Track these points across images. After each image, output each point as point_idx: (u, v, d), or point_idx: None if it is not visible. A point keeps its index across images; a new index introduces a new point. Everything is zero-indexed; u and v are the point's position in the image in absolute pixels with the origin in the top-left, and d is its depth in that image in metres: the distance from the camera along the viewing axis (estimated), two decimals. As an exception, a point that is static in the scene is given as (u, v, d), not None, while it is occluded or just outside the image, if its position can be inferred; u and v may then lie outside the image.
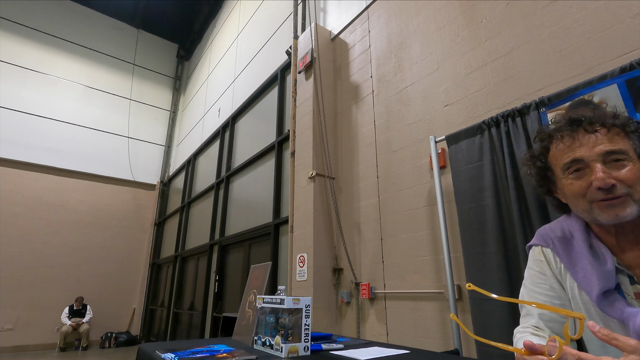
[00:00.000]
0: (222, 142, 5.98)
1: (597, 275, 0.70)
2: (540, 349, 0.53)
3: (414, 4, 2.83)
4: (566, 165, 0.72)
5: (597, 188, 0.67)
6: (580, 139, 0.71)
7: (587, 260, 0.73)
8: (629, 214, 0.66)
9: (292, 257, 3.19)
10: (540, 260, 0.84)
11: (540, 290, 0.81)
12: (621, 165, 0.67)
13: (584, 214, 0.73)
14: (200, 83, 8.03)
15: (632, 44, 1.59)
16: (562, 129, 0.74)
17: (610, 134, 0.69)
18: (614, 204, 0.67)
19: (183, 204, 7.10)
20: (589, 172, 0.69)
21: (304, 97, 3.58)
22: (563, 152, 0.73)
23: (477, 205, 1.93)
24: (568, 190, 0.73)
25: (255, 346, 1.02)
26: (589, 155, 0.69)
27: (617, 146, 0.68)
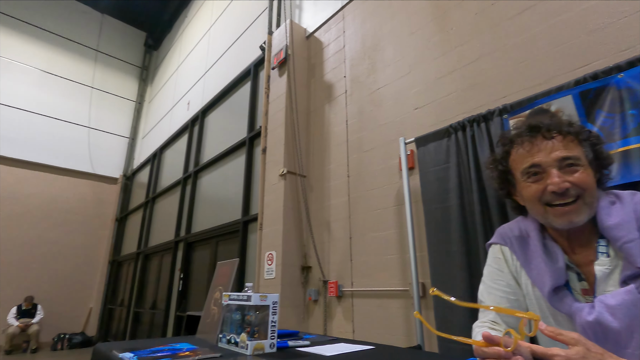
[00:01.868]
0: (191, 136, 5.80)
1: (550, 272, 0.75)
2: (498, 341, 0.56)
3: (389, 7, 2.88)
4: (525, 169, 0.77)
5: (552, 192, 0.72)
6: (539, 145, 0.75)
7: (541, 258, 0.78)
8: (582, 220, 0.72)
9: (261, 254, 3.16)
10: (498, 258, 0.89)
11: (498, 286, 0.86)
12: (574, 170, 0.72)
13: (540, 217, 0.78)
14: (169, 74, 7.74)
15: (586, 58, 1.70)
16: (523, 135, 0.79)
17: (566, 140, 0.75)
18: (569, 211, 0.72)
19: (147, 199, 6.82)
20: (545, 177, 0.74)
21: (276, 93, 3.55)
22: (523, 157, 0.78)
23: (443, 206, 2.00)
24: (526, 193, 0.78)
25: (220, 344, 1.00)
26: (546, 161, 0.74)
27: (572, 152, 0.73)
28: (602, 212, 0.74)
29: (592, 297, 0.73)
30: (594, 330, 0.67)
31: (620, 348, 0.65)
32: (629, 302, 0.65)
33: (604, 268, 0.71)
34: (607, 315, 0.66)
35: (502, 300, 0.84)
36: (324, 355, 0.85)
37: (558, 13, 1.85)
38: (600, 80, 1.54)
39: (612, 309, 0.66)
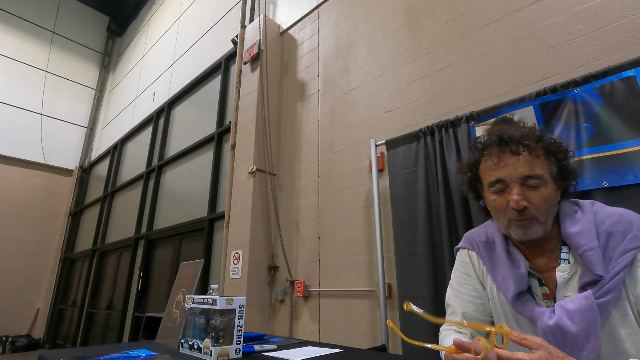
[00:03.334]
0: (156, 129, 5.55)
1: (513, 278, 0.79)
2: (468, 347, 0.57)
3: (363, 9, 2.90)
4: (491, 182, 0.80)
5: (512, 208, 0.76)
6: (506, 160, 0.78)
7: (505, 264, 0.81)
8: (534, 233, 0.76)
9: (227, 253, 3.07)
10: (466, 263, 0.92)
11: (465, 290, 0.89)
12: (535, 190, 0.76)
13: (503, 228, 0.83)
14: (134, 62, 7.36)
15: (546, 72, 1.80)
16: (492, 146, 0.82)
17: (532, 156, 0.77)
18: (524, 225, 0.76)
19: (106, 193, 6.45)
20: (508, 191, 0.77)
21: (248, 89, 3.47)
22: (490, 169, 0.81)
23: (410, 208, 2.04)
24: (491, 204, 0.82)
25: (182, 350, 0.95)
26: (510, 177, 0.77)
27: (535, 171, 0.76)
28: (566, 220, 0.77)
29: (552, 301, 0.76)
30: (554, 334, 0.70)
31: (577, 351, 0.68)
32: (587, 307, 0.68)
33: (564, 274, 0.75)
34: (566, 319, 0.69)
35: (469, 303, 0.87)
36: (292, 360, 0.83)
37: (522, 28, 1.94)
38: (559, 93, 1.64)
39: (571, 314, 0.69)
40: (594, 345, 0.67)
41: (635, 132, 1.41)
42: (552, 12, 1.85)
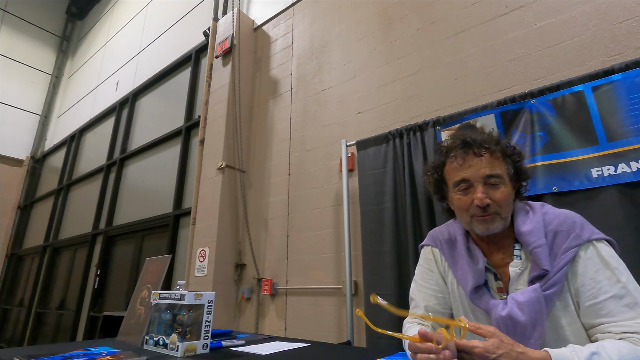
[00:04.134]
0: (119, 120, 5.29)
1: (472, 273, 0.85)
2: (431, 337, 0.63)
3: (338, 11, 2.94)
4: (456, 182, 0.87)
5: (477, 205, 0.82)
6: (469, 161, 0.85)
7: (465, 260, 0.88)
8: (496, 228, 0.83)
9: (192, 251, 3.00)
10: (429, 259, 0.98)
11: (428, 285, 0.95)
12: (496, 188, 0.83)
13: (465, 224, 0.89)
14: (96, 49, 6.96)
15: (507, 82, 1.92)
16: (457, 149, 0.88)
17: (492, 158, 0.85)
18: (486, 220, 0.82)
19: (60, 186, 6.06)
20: (472, 190, 0.84)
21: (219, 83, 3.41)
22: (455, 170, 0.87)
23: (378, 208, 2.10)
24: (456, 203, 0.88)
25: (146, 346, 0.93)
26: (474, 177, 0.84)
27: (495, 171, 0.83)
28: (519, 220, 0.85)
29: (505, 294, 0.83)
30: (506, 323, 0.77)
31: (526, 339, 0.74)
32: (534, 299, 0.75)
33: (516, 269, 0.82)
34: (516, 310, 0.76)
35: (431, 297, 0.93)
36: (260, 355, 0.84)
37: (487, 39, 2.05)
38: (517, 103, 1.75)
39: (521, 305, 0.75)
40: (540, 333, 0.74)
41: (582, 142, 1.54)
42: (514, 27, 1.97)
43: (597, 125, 1.53)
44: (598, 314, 0.72)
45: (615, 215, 1.38)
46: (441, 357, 0.60)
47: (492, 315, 0.80)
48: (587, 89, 1.58)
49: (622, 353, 0.63)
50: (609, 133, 1.49)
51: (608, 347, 0.65)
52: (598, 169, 1.48)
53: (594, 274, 0.74)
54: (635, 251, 1.32)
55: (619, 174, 1.43)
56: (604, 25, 1.69)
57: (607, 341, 0.67)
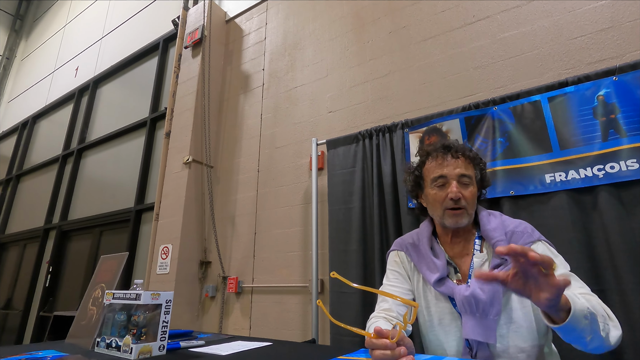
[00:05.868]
0: (77, 108, 4.98)
1: (436, 267, 0.99)
2: (386, 334, 0.67)
3: (312, 9, 2.93)
4: (434, 178, 1.01)
5: (450, 198, 0.96)
6: (448, 161, 1.00)
7: (429, 258, 1.01)
8: (463, 222, 0.97)
9: (155, 247, 2.89)
10: (395, 261, 1.11)
11: (395, 283, 1.07)
12: (467, 186, 0.98)
13: (437, 217, 1.02)
14: (54, 30, 6.50)
15: (472, 89, 2.00)
16: (438, 151, 1.03)
17: (466, 162, 1.01)
18: (457, 214, 0.96)
19: (9, 177, 5.62)
20: (447, 186, 0.98)
21: (187, 75, 3.29)
22: (434, 167, 1.02)
23: (346, 207, 2.11)
24: (432, 197, 1.01)
25: (97, 349, 0.88)
26: (450, 174, 0.99)
27: (468, 172, 1.00)
28: (483, 219, 1.00)
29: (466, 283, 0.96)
30: (469, 302, 0.89)
31: (486, 314, 0.87)
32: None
33: (479, 260, 0.96)
34: (478, 290, 0.89)
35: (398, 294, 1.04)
36: (220, 355, 0.82)
37: (454, 47, 2.13)
38: (481, 109, 1.83)
39: (482, 286, 0.89)
40: (497, 310, 0.88)
41: (537, 149, 1.63)
42: (479, 36, 2.05)
43: (552, 134, 1.62)
44: None
45: (564, 218, 1.48)
46: (396, 353, 0.64)
47: (456, 297, 0.92)
48: (543, 99, 1.68)
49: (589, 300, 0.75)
50: (562, 142, 1.59)
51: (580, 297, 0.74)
52: (551, 174, 1.57)
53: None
54: (579, 251, 1.42)
55: (569, 180, 1.52)
56: (560, 40, 1.80)
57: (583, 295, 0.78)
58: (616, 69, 1.52)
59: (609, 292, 1.34)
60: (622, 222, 1.35)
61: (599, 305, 0.76)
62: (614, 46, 1.65)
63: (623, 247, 1.33)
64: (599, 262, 1.39)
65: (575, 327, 0.64)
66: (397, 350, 0.64)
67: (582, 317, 0.64)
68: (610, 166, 1.45)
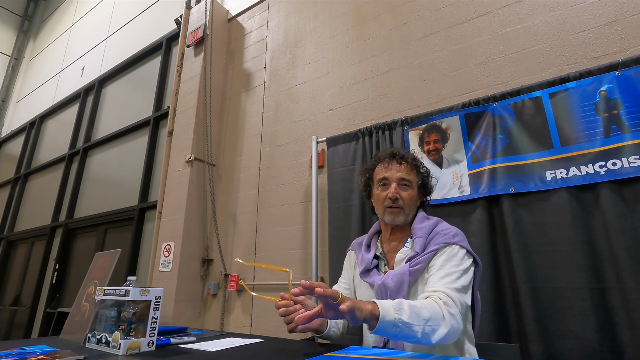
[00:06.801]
0: (83, 108, 5.04)
1: (365, 260, 1.13)
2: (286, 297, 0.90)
3: (313, 6, 2.92)
4: (379, 179, 1.13)
5: (389, 197, 1.08)
6: (392, 166, 1.13)
7: (364, 253, 1.16)
8: (399, 220, 1.09)
9: (157, 245, 2.91)
10: (347, 260, 1.27)
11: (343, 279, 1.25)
12: (406, 189, 1.10)
13: (380, 214, 1.14)
14: (61, 31, 6.58)
15: (472, 86, 1.97)
16: (386, 157, 1.15)
17: (408, 168, 1.13)
18: (394, 212, 1.09)
19: (17, 175, 5.71)
20: (388, 187, 1.10)
21: (190, 74, 3.31)
22: (380, 170, 1.15)
23: (345, 205, 2.11)
24: (376, 196, 1.14)
25: (88, 344, 0.88)
26: (392, 177, 1.11)
27: (408, 177, 1.12)
28: (417, 221, 1.11)
29: None
30: (380, 289, 1.02)
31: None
32: (401, 272, 1.01)
33: (402, 255, 1.07)
34: (388, 279, 1.02)
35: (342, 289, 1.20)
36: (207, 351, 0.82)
37: (455, 43, 2.10)
38: (481, 106, 1.81)
39: (392, 276, 1.01)
40: (402, 296, 0.97)
41: (538, 146, 1.61)
42: (480, 32, 2.03)
43: (553, 130, 1.60)
44: (429, 282, 0.95)
45: (564, 216, 1.45)
46: (291, 309, 0.90)
47: (374, 285, 1.05)
48: (544, 95, 1.65)
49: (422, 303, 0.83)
50: (563, 138, 1.56)
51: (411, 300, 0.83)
52: (552, 171, 1.55)
53: (443, 262, 0.98)
54: (580, 249, 1.40)
55: (570, 177, 1.50)
56: (562, 35, 1.76)
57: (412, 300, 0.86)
58: (619, 64, 1.49)
59: (609, 290, 1.32)
60: (624, 220, 1.33)
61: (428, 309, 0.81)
62: (617, 41, 1.62)
63: (624, 244, 1.30)
64: (599, 260, 1.37)
65: (386, 332, 0.76)
66: (293, 307, 0.90)
67: (391, 326, 0.75)
68: (612, 163, 1.42)
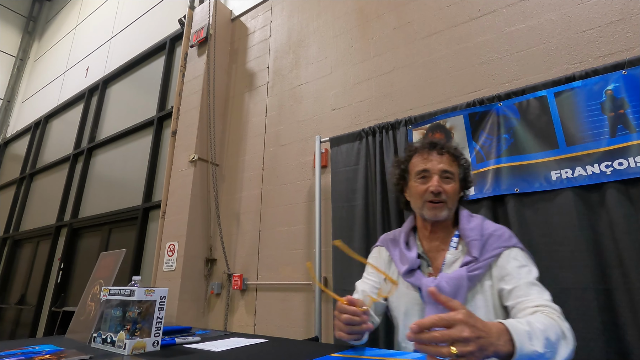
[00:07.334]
0: (88, 108, 5.07)
1: (407, 259, 1.04)
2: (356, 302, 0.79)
3: (317, 6, 2.91)
4: (418, 172, 1.04)
5: (431, 191, 1.00)
6: (432, 157, 1.04)
7: (403, 251, 1.07)
8: (442, 216, 1.01)
9: (161, 245, 2.92)
10: (374, 257, 1.18)
11: (369, 277, 1.15)
12: (448, 182, 1.02)
13: (417, 209, 1.06)
14: (65, 32, 6.62)
15: (476, 85, 1.96)
16: (424, 147, 1.07)
17: (450, 159, 1.05)
18: (436, 207, 1.00)
19: (23, 175, 5.75)
20: (429, 180, 1.02)
21: (193, 74, 3.32)
22: (419, 162, 1.06)
23: (349, 205, 2.10)
24: (414, 190, 1.05)
25: (93, 344, 0.89)
26: (433, 169, 1.02)
27: (451, 169, 1.03)
28: (464, 219, 1.03)
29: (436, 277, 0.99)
30: None
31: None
32: (458, 276, 0.92)
33: (452, 256, 1.00)
34: (443, 283, 0.93)
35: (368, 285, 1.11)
36: (212, 351, 0.82)
37: (459, 42, 2.09)
38: (485, 105, 1.80)
39: (447, 279, 0.93)
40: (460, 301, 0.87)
41: (543, 146, 1.60)
42: (485, 30, 2.01)
43: (558, 130, 1.58)
44: (517, 295, 0.87)
45: (570, 216, 1.44)
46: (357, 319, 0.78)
47: (422, 289, 0.96)
48: (550, 95, 1.64)
49: (544, 323, 0.72)
50: (568, 138, 1.55)
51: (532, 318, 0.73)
52: (557, 171, 1.53)
53: (516, 268, 0.91)
54: (586, 250, 1.39)
55: (576, 177, 1.49)
56: (568, 33, 1.75)
57: (530, 316, 0.77)
58: (625, 63, 1.48)
59: (615, 291, 1.31)
60: (630, 220, 1.31)
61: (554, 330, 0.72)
62: (623, 39, 1.60)
63: (630, 245, 1.29)
64: (605, 260, 1.36)
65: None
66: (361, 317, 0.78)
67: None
68: (618, 162, 1.40)
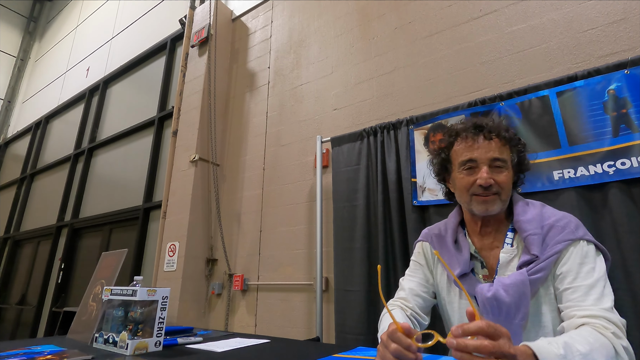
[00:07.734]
0: (88, 108, 5.06)
1: (458, 262, 0.90)
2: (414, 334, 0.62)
3: (318, 6, 2.91)
4: (463, 162, 0.89)
5: (479, 185, 0.85)
6: (479, 143, 0.88)
7: (452, 252, 0.93)
8: (495, 209, 0.86)
9: (162, 245, 2.92)
10: (419, 253, 1.04)
11: (415, 274, 1.01)
12: (500, 171, 0.86)
13: (464, 204, 0.92)
14: (65, 32, 6.62)
15: (478, 85, 1.96)
16: (468, 131, 0.90)
17: (500, 143, 0.88)
18: (487, 201, 0.86)
19: (24, 175, 5.75)
20: (477, 171, 0.87)
21: (194, 74, 3.31)
22: (464, 150, 0.90)
23: (350, 205, 2.10)
24: (459, 182, 0.91)
25: (95, 344, 0.88)
26: (481, 158, 0.87)
27: (502, 156, 0.87)
28: (519, 209, 0.88)
29: (491, 280, 0.86)
30: (492, 304, 0.80)
31: (511, 319, 0.78)
32: (519, 282, 0.78)
33: (507, 255, 0.85)
34: (502, 291, 0.79)
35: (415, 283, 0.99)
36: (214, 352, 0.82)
37: (460, 42, 2.09)
38: (487, 105, 1.79)
39: (506, 287, 0.79)
40: (524, 314, 0.78)
41: (545, 145, 1.59)
42: (486, 30, 2.01)
43: (560, 130, 1.58)
44: (569, 298, 0.76)
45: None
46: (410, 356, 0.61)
47: (478, 297, 0.83)
48: (552, 94, 1.63)
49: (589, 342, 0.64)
50: (571, 137, 1.55)
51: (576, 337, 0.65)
52: (559, 171, 1.53)
53: (577, 266, 0.78)
54: (589, 251, 1.38)
55: (578, 177, 1.48)
56: (570, 33, 1.75)
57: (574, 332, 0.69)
58: (628, 62, 1.47)
59: (619, 291, 1.30)
60: (633, 220, 1.31)
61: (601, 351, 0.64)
62: (626, 39, 1.60)
63: (634, 245, 1.29)
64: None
65: None
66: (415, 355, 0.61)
67: None
68: (621, 162, 1.40)
